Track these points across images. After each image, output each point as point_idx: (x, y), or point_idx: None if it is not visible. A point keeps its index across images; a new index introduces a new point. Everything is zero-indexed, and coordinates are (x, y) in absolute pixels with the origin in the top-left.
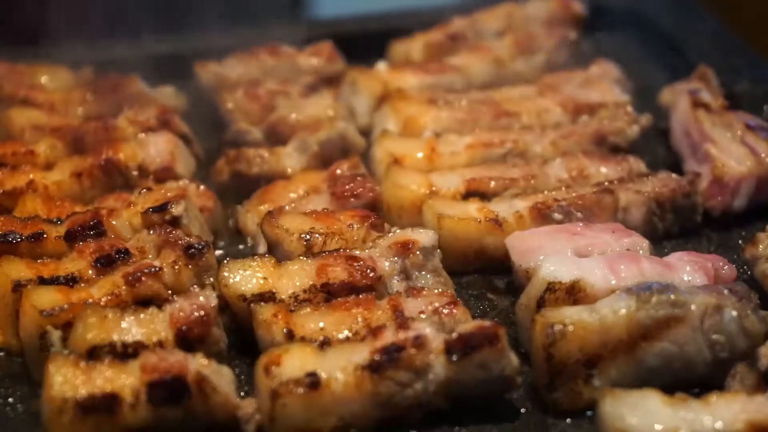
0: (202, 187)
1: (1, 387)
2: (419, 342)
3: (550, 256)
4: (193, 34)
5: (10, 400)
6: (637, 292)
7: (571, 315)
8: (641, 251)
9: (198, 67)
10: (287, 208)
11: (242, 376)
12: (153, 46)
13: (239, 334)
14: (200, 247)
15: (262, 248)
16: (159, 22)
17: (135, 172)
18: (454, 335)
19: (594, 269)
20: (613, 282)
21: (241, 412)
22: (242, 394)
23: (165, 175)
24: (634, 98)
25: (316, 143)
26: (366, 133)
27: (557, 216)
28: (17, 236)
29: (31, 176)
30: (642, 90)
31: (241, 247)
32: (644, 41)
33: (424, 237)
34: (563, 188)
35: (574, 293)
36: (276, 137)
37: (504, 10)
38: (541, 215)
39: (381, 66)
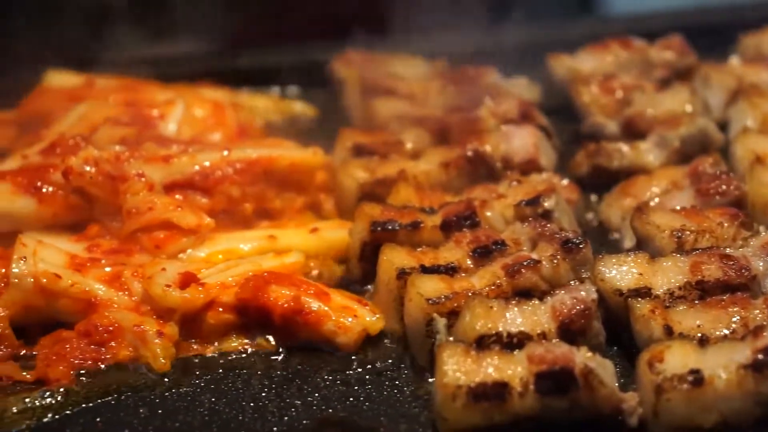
0: (565, 180)
1: (388, 370)
2: None
3: None
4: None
5: (397, 383)
6: None
7: None
8: None
9: (551, 59)
10: (651, 203)
11: (618, 369)
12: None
13: (607, 328)
14: (578, 241)
15: (628, 242)
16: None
17: (499, 164)
18: None
19: None
20: None
21: (626, 405)
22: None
23: (529, 167)
24: None
25: (677, 139)
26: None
27: None
28: (396, 224)
29: (401, 165)
30: None
31: (603, 240)
32: None
33: None
34: None
35: None
36: (631, 131)
37: None
38: None
39: (734, 60)
